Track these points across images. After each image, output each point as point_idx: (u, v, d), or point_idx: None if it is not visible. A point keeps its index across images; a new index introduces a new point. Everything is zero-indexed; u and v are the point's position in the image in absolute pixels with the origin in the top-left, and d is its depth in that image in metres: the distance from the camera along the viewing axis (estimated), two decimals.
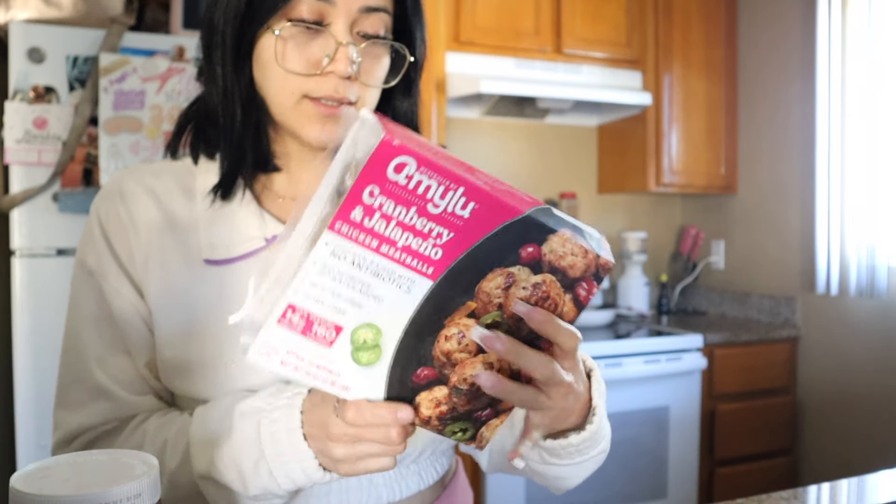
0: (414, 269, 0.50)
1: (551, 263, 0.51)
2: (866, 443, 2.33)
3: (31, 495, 0.41)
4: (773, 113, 2.68)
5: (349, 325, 0.51)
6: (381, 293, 0.50)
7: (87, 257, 0.75)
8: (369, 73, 0.72)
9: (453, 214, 0.48)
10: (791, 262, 2.61)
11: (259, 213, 0.74)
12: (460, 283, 0.50)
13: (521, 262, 0.51)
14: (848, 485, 0.95)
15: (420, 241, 0.49)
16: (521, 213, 0.49)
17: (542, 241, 0.50)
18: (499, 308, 0.52)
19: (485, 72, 2.39)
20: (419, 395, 0.54)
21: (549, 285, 0.52)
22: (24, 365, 1.76)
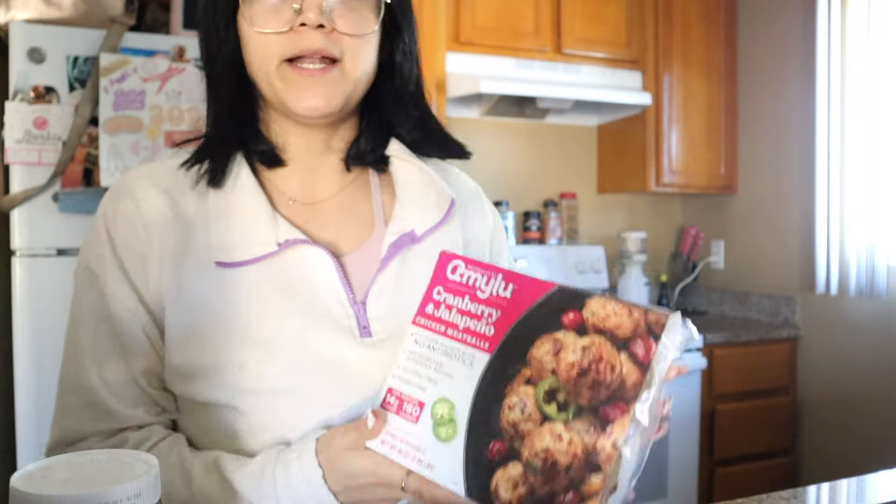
0: (474, 345, 0.59)
1: (595, 326, 0.54)
2: (866, 443, 2.33)
3: (31, 495, 0.41)
4: (773, 113, 2.68)
5: (429, 400, 0.59)
6: (450, 370, 0.59)
7: (90, 261, 0.74)
8: (346, 20, 0.69)
9: (498, 297, 0.59)
10: (791, 262, 2.61)
11: (273, 217, 0.72)
12: (513, 354, 0.57)
13: (566, 328, 0.55)
14: (847, 485, 0.95)
15: (476, 322, 0.60)
16: (555, 284, 0.57)
17: (582, 307, 0.55)
18: (553, 373, 0.55)
19: (485, 72, 2.39)
20: (496, 476, 0.55)
21: (598, 347, 0.53)
22: (24, 365, 1.76)
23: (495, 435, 0.56)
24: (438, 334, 0.61)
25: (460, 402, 0.58)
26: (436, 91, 2.35)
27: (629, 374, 0.52)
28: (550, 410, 0.54)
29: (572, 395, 0.53)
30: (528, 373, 0.56)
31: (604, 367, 0.53)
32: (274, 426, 0.68)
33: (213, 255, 0.71)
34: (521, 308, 0.57)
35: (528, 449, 0.54)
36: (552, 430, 0.53)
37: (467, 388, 0.58)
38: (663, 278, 2.95)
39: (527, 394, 0.55)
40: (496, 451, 0.55)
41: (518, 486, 0.54)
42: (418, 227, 0.77)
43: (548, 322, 0.56)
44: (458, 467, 0.56)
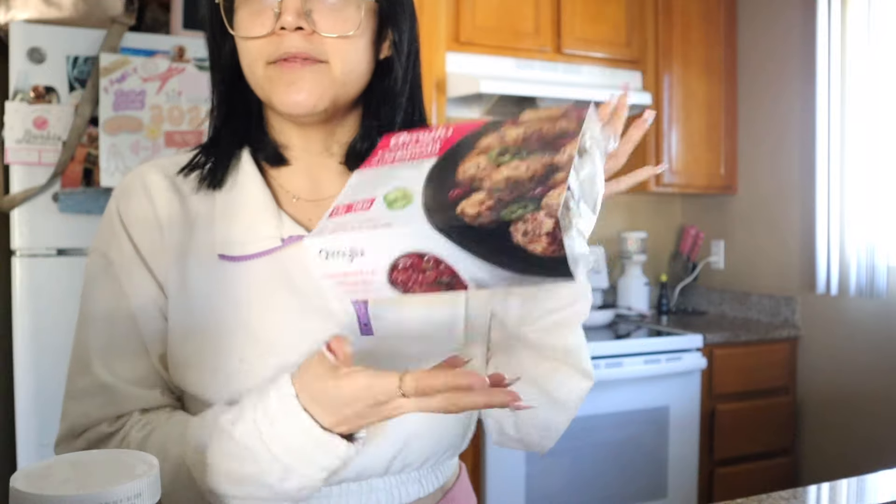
0: (421, 156, 0.61)
1: (526, 121, 0.61)
2: (866, 443, 2.33)
3: (31, 495, 0.41)
4: (773, 113, 2.68)
5: (379, 194, 0.59)
6: (399, 174, 0.60)
7: (106, 249, 0.74)
8: (327, 21, 0.69)
9: (441, 137, 0.62)
10: (791, 262, 2.61)
11: (277, 214, 0.73)
12: (463, 146, 0.59)
13: (508, 125, 0.60)
14: (847, 485, 0.95)
15: (422, 148, 0.62)
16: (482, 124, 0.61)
17: (517, 117, 0.61)
18: (501, 143, 0.58)
19: (485, 72, 2.39)
20: (459, 206, 0.53)
21: (538, 118, 0.60)
22: (24, 365, 1.76)
23: (452, 186, 0.55)
24: (385, 164, 0.63)
25: (412, 185, 0.58)
26: (436, 91, 2.35)
27: (570, 121, 0.58)
28: (504, 159, 0.56)
29: (524, 149, 0.57)
30: (478, 150, 0.58)
31: (547, 128, 0.58)
32: None
33: (217, 248, 0.72)
34: (462, 133, 0.61)
35: (488, 181, 0.54)
36: (509, 166, 0.55)
37: (418, 177, 0.58)
38: (663, 278, 2.95)
39: (479, 158, 0.57)
40: (456, 194, 0.54)
41: (484, 202, 0.53)
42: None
43: (492, 128, 0.60)
44: (419, 216, 0.54)
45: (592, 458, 2.22)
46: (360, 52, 0.72)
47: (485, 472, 2.09)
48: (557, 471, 2.18)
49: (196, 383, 0.71)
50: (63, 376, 0.75)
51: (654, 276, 3.04)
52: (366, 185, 0.61)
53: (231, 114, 0.76)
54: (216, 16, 0.72)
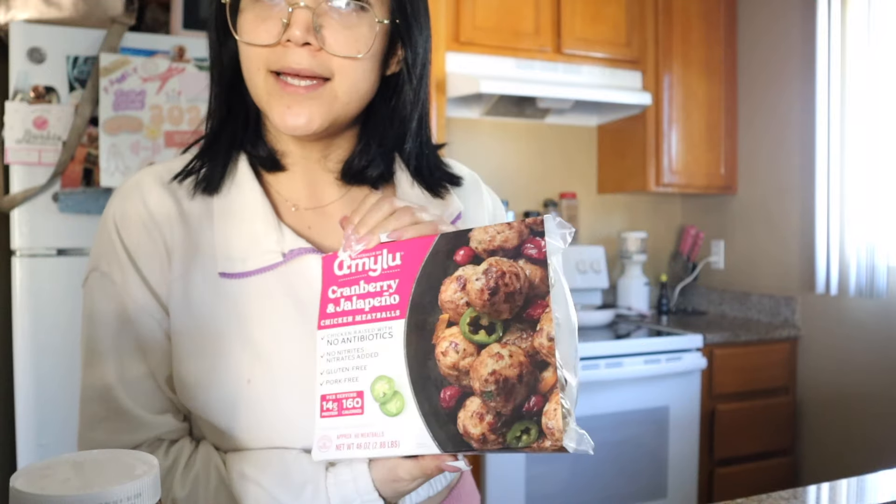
0: (385, 318, 0.59)
1: (487, 251, 0.57)
2: (866, 443, 2.33)
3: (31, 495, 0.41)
4: (773, 113, 2.68)
5: (366, 386, 0.59)
6: (373, 349, 0.59)
7: (102, 264, 0.71)
8: (337, 39, 0.65)
9: (390, 268, 0.60)
10: (791, 262, 2.61)
11: (277, 226, 0.71)
12: (425, 308, 0.58)
13: (462, 264, 0.58)
14: (847, 485, 0.95)
15: (378, 298, 0.60)
16: (435, 235, 0.59)
17: (467, 241, 0.58)
18: (468, 305, 0.57)
19: (485, 72, 2.39)
20: (459, 418, 0.55)
21: (497, 264, 0.56)
22: (24, 365, 1.76)
23: (441, 384, 0.56)
24: (348, 325, 0.61)
25: (396, 373, 0.58)
26: (436, 91, 2.35)
27: (534, 274, 0.56)
28: (481, 337, 0.56)
29: (493, 314, 0.56)
30: (445, 317, 0.57)
31: (510, 279, 0.56)
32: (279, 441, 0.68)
33: (217, 265, 0.70)
34: (414, 267, 0.59)
35: (477, 380, 0.55)
36: (490, 353, 0.55)
37: (397, 358, 0.58)
38: (663, 278, 2.95)
39: (453, 334, 0.56)
40: (449, 398, 0.56)
41: (484, 417, 0.54)
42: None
43: (444, 267, 0.58)
44: (421, 430, 0.56)
45: (592, 458, 2.22)
46: (367, 71, 0.69)
47: (485, 472, 2.09)
48: (557, 470, 2.18)
49: (203, 406, 0.69)
50: (63, 376, 0.75)
51: (654, 276, 3.04)
52: (341, 359, 0.60)
53: (228, 117, 0.74)
54: (221, 16, 0.70)
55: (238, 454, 0.69)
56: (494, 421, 0.54)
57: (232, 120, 0.74)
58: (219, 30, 0.72)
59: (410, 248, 0.59)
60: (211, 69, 0.74)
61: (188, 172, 0.73)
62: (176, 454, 0.69)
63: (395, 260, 0.60)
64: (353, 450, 0.58)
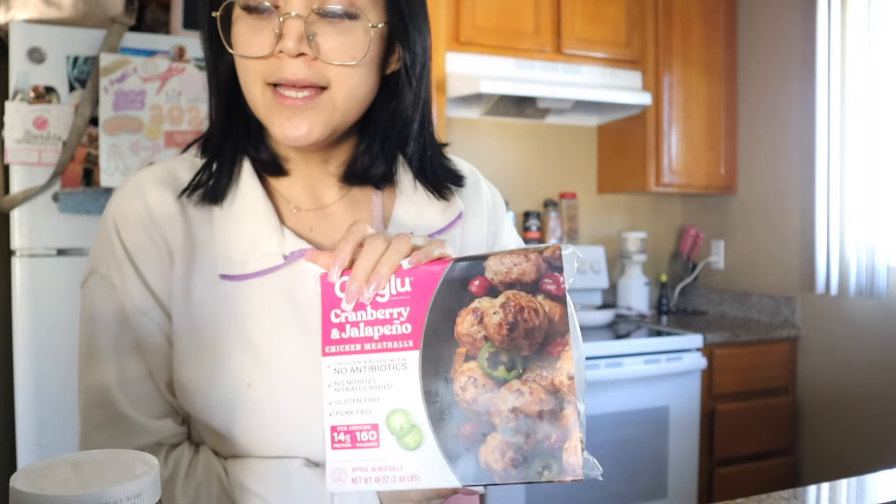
0: (398, 349, 0.57)
1: (503, 282, 0.55)
2: (866, 443, 2.33)
3: (31, 495, 0.41)
4: (772, 113, 2.68)
5: (380, 419, 0.57)
6: (386, 381, 0.57)
7: (101, 265, 0.70)
8: (332, 46, 0.64)
9: (399, 294, 0.57)
10: (791, 262, 2.61)
11: (279, 228, 0.70)
12: (440, 340, 0.56)
13: (478, 295, 0.56)
14: (847, 485, 0.95)
15: (388, 326, 0.57)
16: (447, 262, 0.57)
17: (483, 270, 0.56)
18: (486, 340, 0.55)
19: (485, 72, 2.39)
20: (480, 453, 0.55)
21: (515, 298, 0.55)
22: (24, 365, 1.76)
23: (461, 419, 0.55)
24: (356, 354, 0.58)
25: (412, 407, 0.56)
26: (436, 91, 2.34)
27: (553, 311, 0.55)
28: (501, 374, 0.55)
29: (513, 350, 0.55)
30: (463, 350, 0.56)
31: (529, 314, 0.55)
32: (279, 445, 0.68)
33: (218, 267, 0.69)
34: (426, 296, 0.57)
35: (497, 416, 0.55)
36: (511, 389, 0.54)
37: (413, 391, 0.56)
38: (663, 278, 2.95)
39: (472, 369, 0.55)
40: (469, 433, 0.55)
41: (505, 453, 0.54)
42: (418, 232, 0.75)
43: (458, 298, 0.56)
44: (442, 464, 0.55)
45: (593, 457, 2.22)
46: (364, 76, 0.68)
47: None
48: None
49: (203, 409, 0.69)
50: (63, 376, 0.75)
51: (654, 276, 3.04)
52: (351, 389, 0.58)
53: (230, 126, 0.73)
54: (213, 29, 0.69)
55: (239, 463, 0.69)
56: (515, 456, 0.54)
57: (233, 129, 0.73)
58: (213, 42, 0.70)
59: (420, 274, 0.57)
60: (208, 80, 0.73)
61: (195, 186, 0.71)
62: (175, 461, 0.69)
63: (404, 286, 0.57)
64: (371, 483, 0.57)
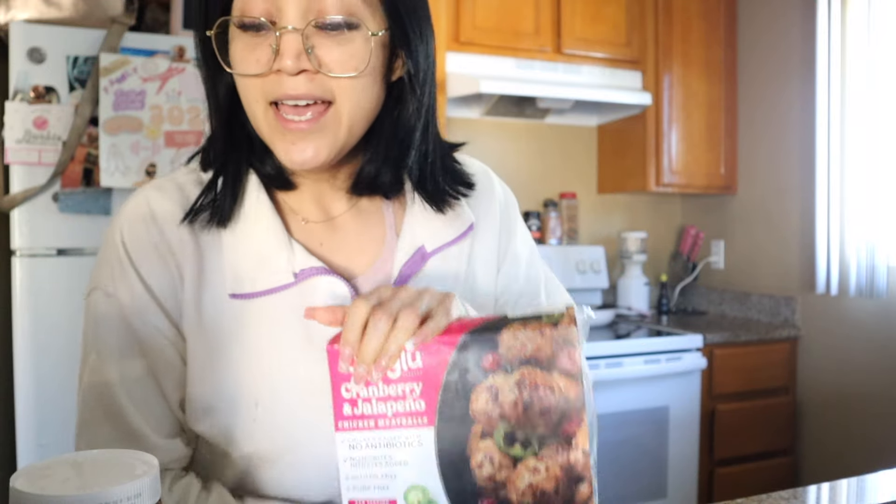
0: (412, 426, 0.56)
1: (517, 358, 0.55)
2: (866, 443, 2.33)
3: (31, 495, 0.41)
4: (772, 113, 2.68)
5: (398, 495, 0.57)
6: (402, 458, 0.57)
7: (113, 289, 0.68)
8: (333, 58, 0.62)
9: (410, 370, 0.56)
10: (791, 262, 2.61)
11: (288, 244, 0.69)
12: (455, 417, 0.56)
13: (492, 371, 0.55)
14: (848, 485, 0.95)
15: (402, 402, 0.56)
16: (460, 336, 0.56)
17: (496, 345, 0.55)
18: (502, 418, 0.55)
19: (485, 72, 2.39)
20: None
21: (530, 375, 0.55)
22: (24, 365, 1.76)
23: (479, 495, 0.56)
24: (370, 430, 0.57)
25: (430, 483, 0.56)
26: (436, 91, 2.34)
27: (568, 388, 0.55)
28: (517, 451, 0.55)
29: (529, 428, 0.55)
30: (478, 429, 0.56)
31: (544, 392, 0.55)
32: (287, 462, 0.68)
33: (227, 285, 0.68)
34: (438, 371, 0.56)
35: (514, 493, 0.55)
36: (527, 466, 0.55)
37: (429, 468, 0.56)
38: (663, 278, 2.95)
39: (488, 447, 0.56)
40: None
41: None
42: (428, 244, 0.74)
43: (472, 374, 0.56)
44: None
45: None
46: (368, 86, 0.65)
47: None
48: None
49: (212, 429, 0.69)
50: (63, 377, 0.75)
51: (654, 276, 3.04)
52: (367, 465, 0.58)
53: (232, 147, 0.71)
54: (209, 48, 0.66)
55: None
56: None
57: (236, 146, 0.71)
58: (209, 62, 0.68)
59: (431, 349, 0.56)
60: (207, 100, 0.71)
61: (201, 209, 0.69)
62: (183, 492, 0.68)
63: (415, 360, 0.57)
64: None
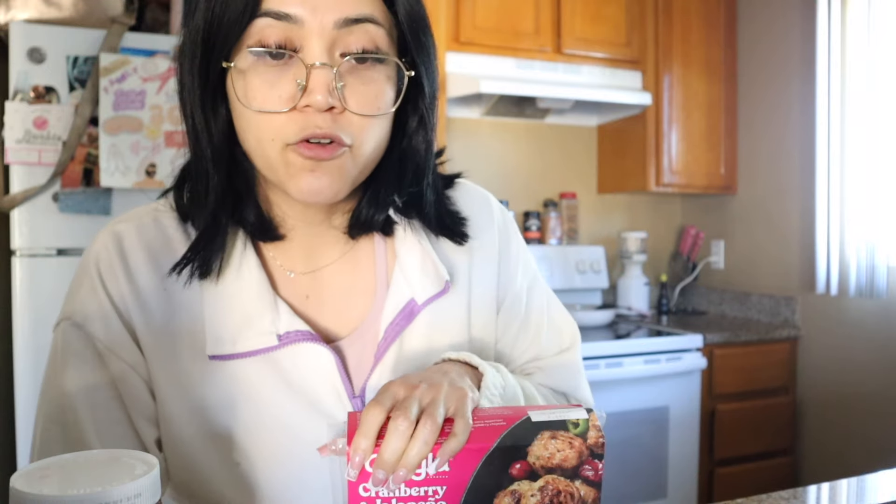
0: None
1: (544, 467, 0.56)
2: (866, 443, 2.33)
3: (31, 495, 0.41)
4: (773, 113, 2.68)
5: None
6: None
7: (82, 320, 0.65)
8: (359, 98, 0.59)
9: (437, 473, 0.54)
10: (791, 262, 2.61)
11: (273, 303, 0.66)
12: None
13: (518, 479, 0.55)
14: (848, 485, 0.95)
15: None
16: (491, 445, 0.54)
17: (525, 455, 0.55)
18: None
19: (485, 72, 2.39)
20: None
21: (553, 482, 0.56)
22: (24, 365, 1.76)
23: None
24: None
25: None
26: None
27: (588, 495, 0.57)
28: None
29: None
30: None
31: (565, 498, 0.56)
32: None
33: (207, 346, 0.65)
34: (464, 476, 0.55)
35: None
36: None
37: None
38: (663, 278, 2.95)
39: None
40: None
41: None
42: (419, 295, 0.71)
43: (497, 480, 0.55)
44: None
45: None
46: (386, 124, 0.63)
47: None
48: None
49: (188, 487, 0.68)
50: None
51: (654, 276, 3.04)
52: None
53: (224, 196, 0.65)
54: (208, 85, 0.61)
55: None
56: None
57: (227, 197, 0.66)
58: (208, 100, 0.62)
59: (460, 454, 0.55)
60: (195, 145, 0.64)
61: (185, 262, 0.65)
62: None
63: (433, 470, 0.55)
64: None
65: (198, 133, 0.63)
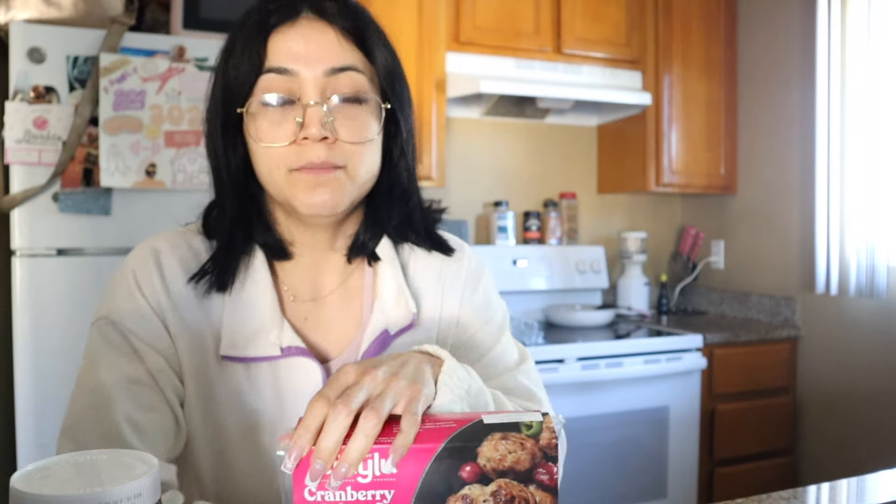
0: None
1: (496, 470, 0.54)
2: (866, 443, 2.33)
3: (31, 495, 0.41)
4: (772, 113, 2.68)
5: None
6: None
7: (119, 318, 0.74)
8: (348, 129, 0.72)
9: (383, 475, 0.53)
10: (791, 262, 2.61)
11: (280, 321, 0.76)
12: None
13: (469, 482, 0.54)
14: (848, 485, 0.95)
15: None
16: (438, 446, 0.53)
17: (475, 456, 0.54)
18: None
19: (485, 72, 2.39)
20: None
21: (507, 487, 0.54)
22: (24, 365, 1.76)
23: None
24: None
25: None
26: (436, 91, 2.35)
27: (543, 501, 0.55)
28: None
29: None
30: None
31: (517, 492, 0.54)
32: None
33: (222, 346, 0.76)
34: (413, 478, 0.54)
35: None
36: None
37: None
38: (663, 278, 2.95)
39: None
40: None
41: None
42: (392, 326, 0.80)
43: (448, 483, 0.54)
44: None
45: (592, 458, 2.22)
46: (375, 151, 0.76)
47: None
48: None
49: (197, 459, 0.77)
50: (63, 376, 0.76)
51: (654, 276, 3.04)
52: None
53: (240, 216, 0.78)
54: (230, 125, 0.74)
55: None
56: None
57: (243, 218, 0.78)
58: (227, 141, 0.75)
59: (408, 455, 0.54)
60: (217, 173, 0.78)
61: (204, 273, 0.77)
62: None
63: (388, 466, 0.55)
64: None
65: (219, 167, 0.77)
